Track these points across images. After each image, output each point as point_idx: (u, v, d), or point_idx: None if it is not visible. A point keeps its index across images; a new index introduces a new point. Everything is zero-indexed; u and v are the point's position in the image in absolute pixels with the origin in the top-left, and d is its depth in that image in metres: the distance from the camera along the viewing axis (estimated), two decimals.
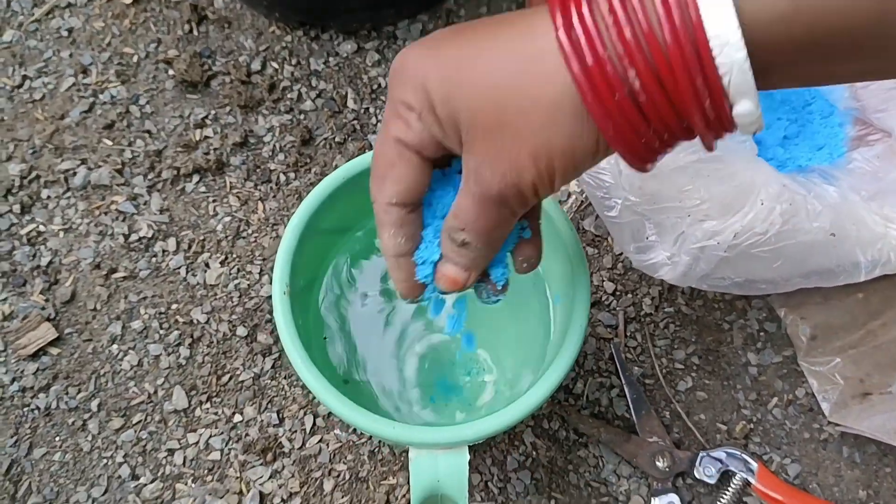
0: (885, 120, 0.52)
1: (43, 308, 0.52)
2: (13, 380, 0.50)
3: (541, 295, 0.46)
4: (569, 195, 0.56)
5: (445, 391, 0.45)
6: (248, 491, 0.48)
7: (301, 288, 0.42)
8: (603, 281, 0.53)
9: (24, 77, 0.58)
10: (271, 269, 0.52)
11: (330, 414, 0.50)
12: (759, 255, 0.44)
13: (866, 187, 0.50)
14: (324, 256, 0.47)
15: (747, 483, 0.47)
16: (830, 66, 0.22)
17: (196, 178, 0.55)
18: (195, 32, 0.60)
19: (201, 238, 0.54)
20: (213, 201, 0.55)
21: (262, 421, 0.50)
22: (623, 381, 0.50)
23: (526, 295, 0.47)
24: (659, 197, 0.45)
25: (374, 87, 0.59)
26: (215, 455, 0.49)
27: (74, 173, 0.55)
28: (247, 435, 0.49)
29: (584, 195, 0.55)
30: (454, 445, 0.37)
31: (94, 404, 0.50)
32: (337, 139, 0.57)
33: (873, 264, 0.46)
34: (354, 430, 0.49)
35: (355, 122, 0.57)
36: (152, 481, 0.48)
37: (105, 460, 0.49)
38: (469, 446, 0.37)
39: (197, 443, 0.49)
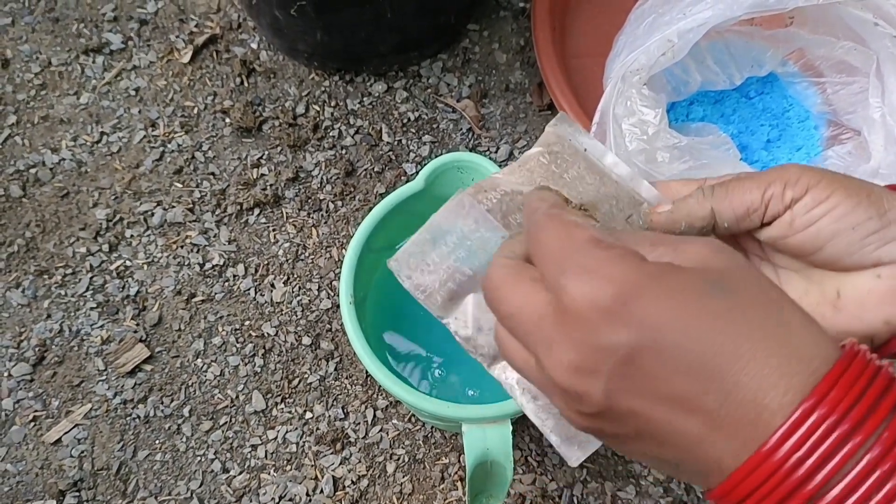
0: (854, 120, 0.60)
1: (135, 331, 0.60)
2: (115, 394, 0.59)
3: None
4: None
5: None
6: (323, 476, 0.56)
7: (359, 299, 0.50)
8: None
9: (102, 133, 0.67)
10: (328, 285, 0.61)
11: (387, 407, 0.58)
12: None
13: None
14: (373, 272, 0.55)
15: None
16: None
17: (257, 211, 0.64)
18: (245, 84, 0.68)
19: (266, 263, 0.62)
20: (273, 230, 0.63)
21: (329, 416, 0.58)
22: None
23: None
24: None
25: (405, 121, 0.67)
26: (292, 447, 0.57)
27: (152, 214, 0.64)
28: (318, 429, 0.57)
29: None
30: (499, 419, 0.44)
31: (185, 410, 0.58)
32: (376, 169, 0.65)
33: None
34: (410, 418, 0.57)
35: (390, 153, 0.66)
36: (240, 473, 0.56)
37: (199, 457, 0.57)
38: (511, 421, 0.45)
39: (276, 438, 0.57)
